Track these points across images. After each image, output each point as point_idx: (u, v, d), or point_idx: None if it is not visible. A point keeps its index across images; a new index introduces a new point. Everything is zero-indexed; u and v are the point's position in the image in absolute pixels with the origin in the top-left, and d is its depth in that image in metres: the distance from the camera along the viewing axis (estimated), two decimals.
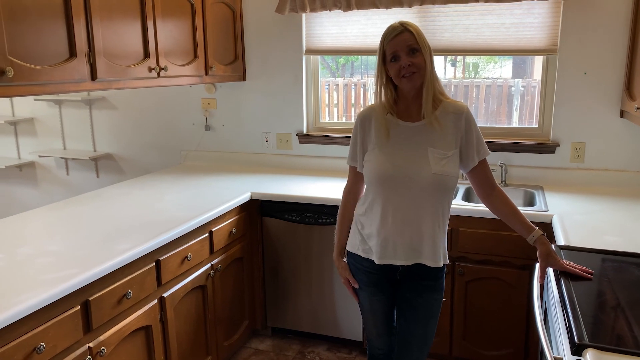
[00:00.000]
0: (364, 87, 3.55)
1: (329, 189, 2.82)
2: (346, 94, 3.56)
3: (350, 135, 1.87)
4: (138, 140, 3.72)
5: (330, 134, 3.29)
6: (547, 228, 2.30)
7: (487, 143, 2.71)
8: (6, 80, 1.74)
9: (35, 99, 3.82)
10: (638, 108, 2.27)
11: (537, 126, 2.97)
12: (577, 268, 1.63)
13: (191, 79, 2.84)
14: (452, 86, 3.27)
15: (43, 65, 1.90)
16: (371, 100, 3.58)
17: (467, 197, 2.75)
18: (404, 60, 1.64)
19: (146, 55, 2.44)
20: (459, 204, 2.53)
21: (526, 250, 2.36)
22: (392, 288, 1.86)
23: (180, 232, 2.20)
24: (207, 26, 2.88)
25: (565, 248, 1.84)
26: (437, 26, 2.92)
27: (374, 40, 3.06)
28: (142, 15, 2.40)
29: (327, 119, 3.44)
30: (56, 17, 1.95)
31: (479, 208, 2.45)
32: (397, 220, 1.72)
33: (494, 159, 2.89)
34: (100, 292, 1.80)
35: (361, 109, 2.00)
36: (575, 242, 1.94)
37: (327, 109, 3.48)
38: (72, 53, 2.02)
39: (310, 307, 2.86)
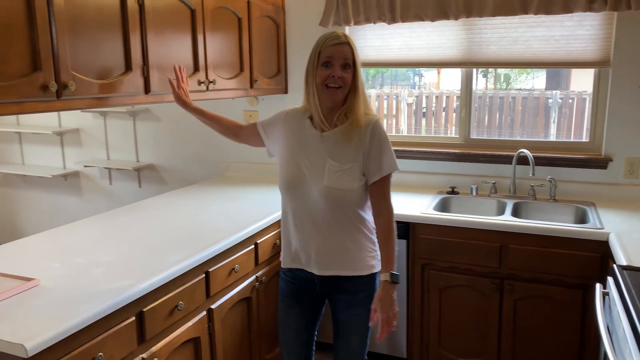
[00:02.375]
0: (397, 98, 3.53)
1: None
2: (378, 104, 3.55)
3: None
4: (180, 151, 3.78)
5: None
6: (603, 247, 2.23)
7: (535, 157, 2.67)
8: (68, 94, 1.79)
9: (82, 111, 3.92)
10: None
11: (587, 140, 2.89)
12: (386, 327, 1.68)
13: (237, 92, 2.87)
14: (487, 98, 3.22)
15: (101, 79, 1.95)
16: (404, 111, 3.55)
17: (516, 213, 2.69)
18: (336, 71, 1.65)
19: (196, 69, 2.48)
20: (508, 220, 2.47)
21: (579, 269, 2.29)
22: (313, 305, 1.88)
23: (229, 244, 2.21)
24: (252, 40, 2.92)
25: (629, 268, 1.77)
26: (484, 39, 2.89)
27: (419, 52, 3.04)
28: (193, 30, 2.44)
29: None
30: (114, 31, 2.00)
31: (528, 224, 2.39)
32: (298, 227, 1.77)
33: (542, 174, 2.82)
34: (153, 303, 1.82)
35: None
36: (638, 262, 1.86)
37: None
38: (128, 67, 2.07)
39: None
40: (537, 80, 3.59)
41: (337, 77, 1.64)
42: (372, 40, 3.13)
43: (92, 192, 4.17)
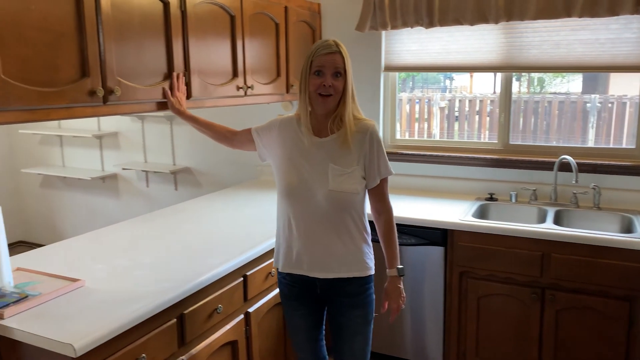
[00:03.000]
0: (429, 101, 3.49)
1: (409, 208, 2.77)
2: (410, 108, 3.51)
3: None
4: (215, 155, 3.82)
5: (406, 151, 3.25)
6: None
7: (577, 164, 2.60)
8: (114, 99, 1.83)
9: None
10: None
11: (634, 147, 2.79)
12: (395, 312, 1.88)
13: (273, 97, 2.89)
14: (522, 102, 3.15)
15: (144, 84, 1.98)
16: (437, 115, 3.51)
17: (558, 221, 2.62)
18: (327, 80, 1.70)
19: (235, 74, 2.50)
20: (550, 228, 2.41)
21: (626, 280, 2.21)
22: (317, 305, 1.90)
23: (265, 248, 2.22)
24: (289, 45, 2.93)
25: None
26: (524, 42, 2.83)
27: (457, 57, 3.00)
28: (232, 35, 2.47)
29: (397, 136, 3.40)
30: (158, 37, 2.04)
31: (572, 233, 2.32)
32: (301, 232, 1.79)
33: (585, 181, 2.74)
34: (193, 305, 1.84)
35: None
36: None
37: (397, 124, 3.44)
38: (171, 73, 2.10)
39: (388, 329, 2.80)
40: (572, 84, 3.49)
41: (328, 86, 1.69)
42: (409, 45, 3.11)
43: (129, 194, 4.26)
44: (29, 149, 4.71)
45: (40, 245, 2.34)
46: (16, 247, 4.75)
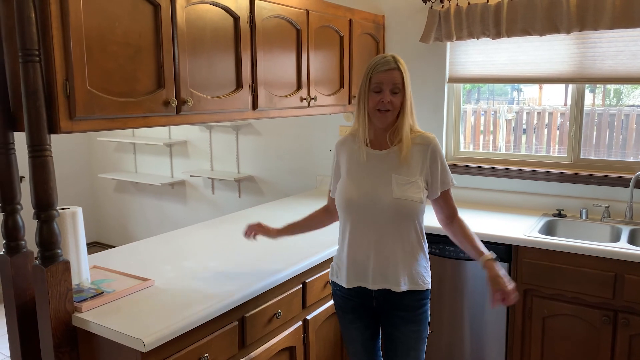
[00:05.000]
0: (494, 114, 3.40)
1: (472, 222, 2.69)
2: (475, 120, 3.43)
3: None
4: (278, 164, 3.91)
5: (470, 164, 3.18)
6: None
7: None
8: (186, 110, 1.94)
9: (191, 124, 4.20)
10: None
11: None
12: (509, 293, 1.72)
13: (335, 108, 2.93)
14: (596, 114, 3.00)
15: (214, 95, 2.08)
16: (503, 128, 3.41)
17: (633, 240, 2.47)
18: (385, 96, 1.72)
19: (299, 86, 2.57)
20: (625, 248, 2.28)
21: None
22: (373, 318, 1.89)
23: (324, 257, 2.25)
24: (352, 57, 2.97)
25: None
26: (598, 53, 2.71)
27: (525, 67, 2.92)
28: (298, 48, 2.54)
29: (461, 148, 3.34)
30: (228, 50, 2.14)
31: None
32: (364, 244, 1.79)
33: None
34: (254, 309, 1.89)
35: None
36: None
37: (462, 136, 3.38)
38: (239, 84, 2.19)
39: (446, 347, 2.75)
40: None
41: (386, 102, 1.72)
42: (474, 56, 3.06)
43: (196, 200, 4.44)
44: (105, 155, 5.02)
45: (113, 247, 2.49)
46: (91, 247, 5.07)
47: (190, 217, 4.42)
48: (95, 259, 2.15)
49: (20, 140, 1.60)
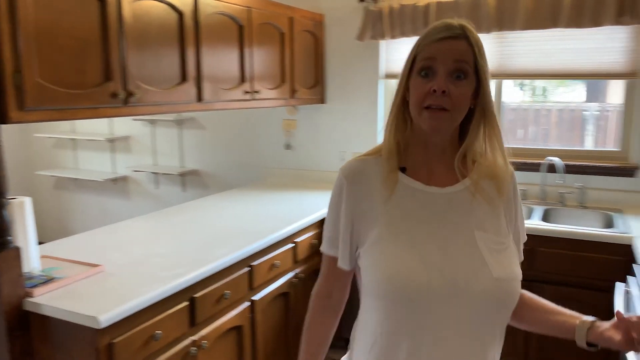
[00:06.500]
0: None
1: None
2: None
3: None
4: (223, 157, 4.00)
5: None
6: (626, 250, 2.30)
7: (566, 166, 2.76)
8: (134, 102, 2.02)
9: (133, 119, 4.21)
10: None
11: (617, 149, 2.95)
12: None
13: (278, 102, 3.07)
14: (522, 110, 3.32)
15: (160, 88, 2.17)
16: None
17: (545, 218, 2.78)
18: (439, 81, 0.99)
19: (243, 80, 2.69)
20: (537, 224, 2.56)
21: (605, 271, 2.36)
22: None
23: (270, 241, 2.39)
24: (294, 53, 3.12)
25: None
26: (514, 51, 3.01)
27: None
28: (241, 44, 2.66)
29: None
30: (173, 45, 2.23)
31: (557, 228, 2.47)
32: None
33: (573, 182, 2.90)
34: (203, 290, 2.00)
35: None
36: None
37: None
38: (184, 77, 2.29)
39: None
40: (575, 93, 3.66)
41: (440, 92, 0.98)
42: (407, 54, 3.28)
43: (139, 195, 4.44)
44: (44, 152, 4.91)
45: None
46: None
47: (134, 212, 4.40)
48: (44, 249, 2.17)
49: None
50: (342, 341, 1.62)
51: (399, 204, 1.05)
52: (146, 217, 2.80)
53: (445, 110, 1.00)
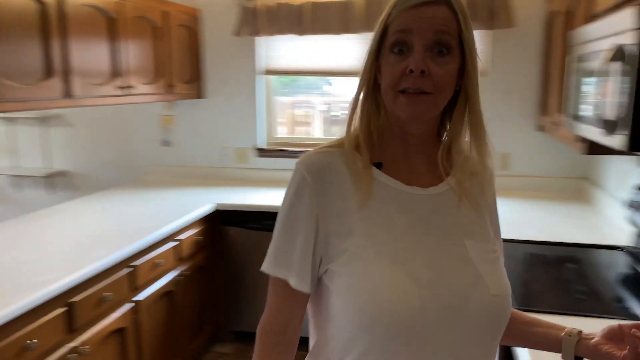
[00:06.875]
0: (309, 105, 3.80)
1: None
2: (292, 112, 3.80)
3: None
4: (94, 156, 3.78)
5: (285, 148, 3.53)
6: None
7: None
8: None
9: None
10: (553, 122, 2.66)
11: None
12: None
13: (154, 97, 3.00)
14: None
15: (23, 83, 2.02)
16: (317, 118, 3.84)
17: None
18: (417, 58, 0.81)
19: (115, 74, 2.59)
20: None
21: None
22: None
23: (152, 240, 2.35)
24: (170, 47, 3.06)
25: None
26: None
27: (323, 62, 3.33)
28: (113, 37, 2.55)
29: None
30: (34, 37, 2.08)
31: None
32: None
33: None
34: (81, 294, 1.92)
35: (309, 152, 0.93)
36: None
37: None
38: (50, 72, 2.15)
39: None
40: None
41: (418, 72, 0.80)
42: (284, 50, 3.38)
43: None
44: None
45: None
46: None
47: None
48: None
49: None
50: None
51: (378, 209, 0.86)
52: (7, 224, 2.56)
53: (425, 93, 0.81)
